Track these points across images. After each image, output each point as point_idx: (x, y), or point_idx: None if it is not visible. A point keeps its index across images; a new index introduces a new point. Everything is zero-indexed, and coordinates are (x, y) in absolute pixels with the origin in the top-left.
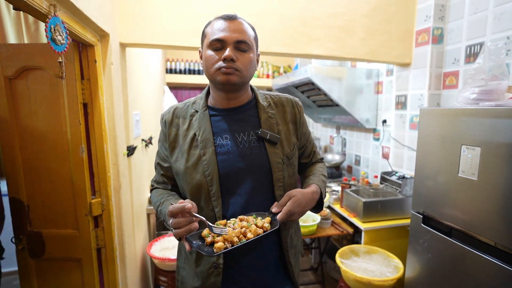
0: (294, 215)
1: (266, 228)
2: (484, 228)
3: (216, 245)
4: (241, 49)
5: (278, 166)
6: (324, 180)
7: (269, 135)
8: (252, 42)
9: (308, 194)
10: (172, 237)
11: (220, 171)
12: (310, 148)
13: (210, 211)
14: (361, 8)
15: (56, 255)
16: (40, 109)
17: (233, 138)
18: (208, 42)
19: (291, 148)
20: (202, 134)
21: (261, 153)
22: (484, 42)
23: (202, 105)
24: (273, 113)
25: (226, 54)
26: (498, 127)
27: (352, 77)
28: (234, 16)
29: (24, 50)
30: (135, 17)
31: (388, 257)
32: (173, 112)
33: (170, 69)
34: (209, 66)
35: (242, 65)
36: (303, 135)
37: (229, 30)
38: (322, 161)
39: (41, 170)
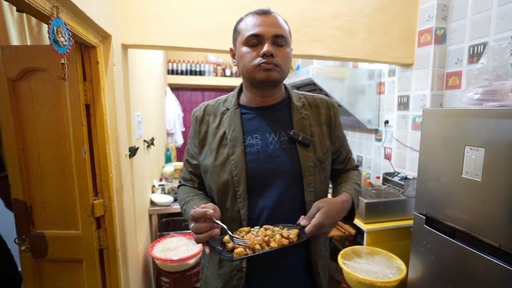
0: (324, 227)
1: (292, 240)
2: (489, 230)
3: (236, 251)
4: (278, 44)
5: (309, 170)
6: (358, 189)
7: (301, 136)
8: (288, 36)
9: (338, 204)
10: (174, 238)
11: (248, 171)
12: (344, 153)
13: (235, 213)
14: (363, 9)
15: (59, 256)
16: (43, 110)
17: (263, 138)
18: (244, 39)
19: (324, 152)
20: (232, 133)
21: (292, 155)
22: (487, 42)
23: (233, 103)
24: (306, 114)
25: (266, 50)
26: (502, 128)
27: (354, 77)
28: (268, 11)
29: (27, 51)
30: (137, 18)
31: (390, 258)
32: (204, 109)
33: (172, 70)
34: (246, 64)
35: (281, 60)
36: (338, 139)
37: (265, 24)
38: (357, 169)
39: (43, 171)
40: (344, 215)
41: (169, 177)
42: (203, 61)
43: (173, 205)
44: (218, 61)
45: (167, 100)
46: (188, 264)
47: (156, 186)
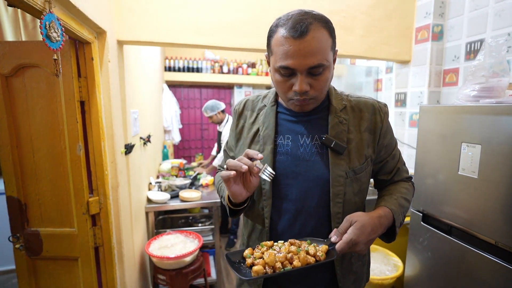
0: (359, 245)
1: (319, 258)
2: (485, 227)
3: (254, 268)
4: (315, 74)
5: (338, 180)
6: (403, 203)
7: (334, 143)
8: (328, 58)
9: (373, 219)
10: (171, 236)
11: (276, 171)
12: (392, 163)
13: (260, 210)
14: (360, 5)
15: (54, 254)
16: (37, 107)
17: (295, 139)
18: (276, 66)
19: (361, 162)
20: (264, 130)
21: (322, 161)
22: (484, 39)
23: (271, 100)
24: (345, 118)
25: (297, 88)
26: (498, 125)
27: (352, 74)
28: (306, 29)
29: (20, 47)
30: (133, 14)
31: (387, 255)
32: (244, 104)
33: (169, 67)
34: (280, 92)
35: (317, 91)
36: (384, 148)
37: (298, 55)
38: (408, 181)
39: (38, 169)
40: (382, 232)
41: (166, 174)
42: (201, 58)
43: (170, 202)
44: (216, 58)
45: (164, 97)
46: (185, 261)
47: (153, 183)
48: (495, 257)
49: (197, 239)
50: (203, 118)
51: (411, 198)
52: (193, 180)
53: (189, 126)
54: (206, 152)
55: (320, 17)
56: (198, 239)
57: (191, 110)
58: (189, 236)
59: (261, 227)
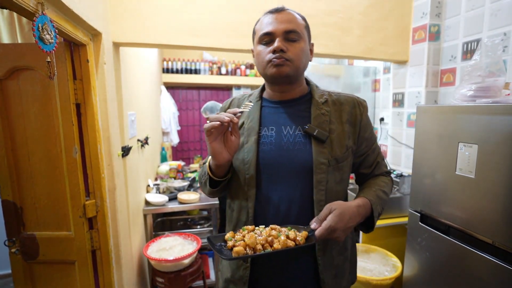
0: (336, 231)
1: (299, 242)
2: (482, 226)
3: (235, 249)
4: (291, 39)
5: (321, 167)
6: (382, 196)
7: (316, 131)
8: (302, 30)
9: (352, 208)
10: (169, 238)
11: (260, 161)
12: (372, 157)
13: (244, 201)
14: (357, 5)
15: (50, 257)
16: (32, 110)
17: (278, 130)
18: (258, 38)
19: (342, 151)
20: (249, 123)
21: (305, 149)
22: (481, 39)
23: (256, 97)
24: (327, 110)
25: (275, 46)
26: (495, 124)
27: (349, 75)
28: (281, 8)
29: (14, 50)
30: (129, 15)
31: (386, 256)
32: (231, 102)
33: (167, 68)
34: (260, 61)
35: (293, 55)
36: (365, 141)
37: (276, 21)
38: (387, 175)
39: (33, 172)
40: (359, 221)
41: (165, 177)
42: (199, 59)
43: (168, 204)
44: (214, 60)
45: (162, 99)
46: (183, 264)
47: (151, 185)
48: (492, 256)
49: (195, 241)
50: (201, 119)
51: (390, 191)
52: (192, 182)
53: (188, 127)
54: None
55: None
56: (196, 241)
57: (190, 111)
58: (187, 238)
59: (245, 219)
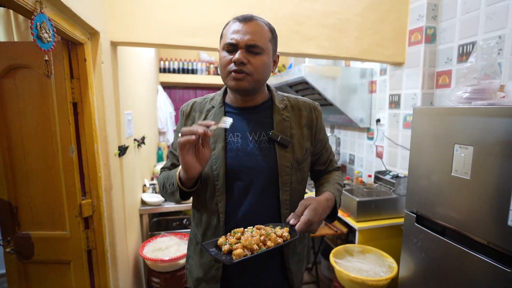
0: (313, 224)
1: (286, 238)
2: (477, 227)
3: (235, 252)
4: (253, 52)
5: (285, 170)
6: (339, 189)
7: (280, 137)
8: (266, 44)
9: (323, 202)
10: (165, 238)
11: (228, 167)
12: (326, 155)
13: (214, 206)
14: (354, 7)
15: (45, 257)
16: (28, 108)
17: (244, 136)
18: (222, 44)
19: (302, 154)
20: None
21: (270, 154)
22: (476, 42)
23: (219, 102)
24: (287, 116)
25: (236, 58)
26: (490, 126)
27: (346, 76)
28: (249, 17)
29: (11, 48)
30: (127, 15)
31: (382, 256)
32: (192, 105)
33: (164, 68)
34: (221, 68)
35: (254, 68)
36: (320, 142)
37: (241, 32)
38: (338, 170)
39: (29, 171)
40: (328, 212)
41: None
42: (196, 59)
43: (164, 204)
44: (211, 60)
45: (159, 99)
46: (179, 264)
47: (147, 185)
48: (487, 257)
49: None
50: None
51: (343, 184)
52: None
53: None
54: None
55: (265, 20)
56: None
57: None
58: (183, 238)
59: (216, 223)
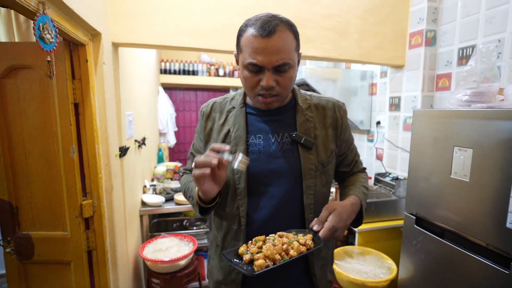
0: (338, 231)
1: (309, 246)
2: (476, 229)
3: (257, 263)
4: (281, 71)
5: (310, 173)
6: (365, 192)
7: (303, 139)
8: (293, 57)
9: (347, 206)
10: (165, 239)
11: (249, 170)
12: (351, 156)
13: (235, 209)
14: (355, 10)
15: (46, 258)
16: (30, 109)
17: (266, 138)
18: (244, 63)
19: (327, 155)
20: (236, 131)
21: (293, 156)
22: (476, 45)
23: (240, 102)
24: (311, 116)
25: (265, 84)
26: (489, 129)
27: (347, 78)
28: (272, 29)
29: (13, 48)
30: (128, 16)
31: (381, 258)
32: (212, 105)
33: (165, 69)
34: (247, 88)
35: (283, 88)
36: (344, 142)
37: (266, 52)
38: (364, 171)
39: (30, 171)
40: (353, 217)
41: (161, 177)
42: (196, 60)
43: (164, 205)
44: (212, 61)
45: (160, 100)
46: (179, 265)
47: (148, 186)
48: (486, 259)
49: (192, 242)
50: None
51: (368, 186)
52: None
53: (185, 129)
54: None
55: (286, 21)
56: (193, 242)
57: (187, 113)
58: (183, 239)
59: (237, 227)
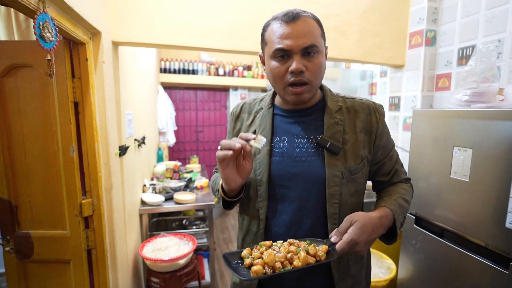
0: (359, 245)
1: (319, 258)
2: (476, 229)
3: (253, 268)
4: (309, 55)
5: (334, 180)
6: (403, 204)
7: (329, 143)
8: (320, 42)
9: (374, 219)
10: (165, 238)
11: (272, 172)
12: (390, 165)
13: (255, 211)
14: (355, 10)
15: (45, 256)
16: (29, 107)
17: (291, 140)
18: (271, 52)
19: (357, 162)
20: (261, 132)
21: (317, 161)
22: (476, 45)
23: (268, 103)
24: (341, 119)
25: (294, 67)
26: (489, 129)
27: (347, 78)
28: (297, 15)
29: (13, 47)
30: (128, 15)
31: (381, 258)
32: (241, 106)
33: (165, 68)
34: (276, 80)
35: (312, 74)
36: (381, 149)
37: (293, 35)
38: (407, 182)
39: (29, 170)
40: (382, 232)
41: (161, 177)
42: (196, 60)
43: (164, 204)
44: (211, 60)
45: (160, 99)
46: (179, 264)
47: (147, 185)
48: (485, 259)
49: (191, 241)
50: (198, 120)
51: (411, 199)
52: (188, 182)
53: (184, 128)
54: (201, 155)
55: (309, 12)
56: (192, 242)
57: (186, 112)
58: (183, 239)
59: (256, 229)
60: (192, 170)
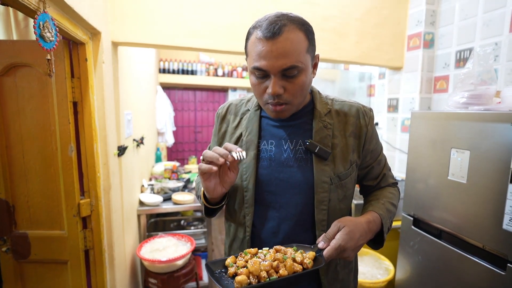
0: (346, 251)
1: (306, 265)
2: (473, 231)
3: (237, 279)
4: (289, 76)
5: (323, 186)
6: (390, 208)
7: (318, 148)
8: (303, 60)
9: (362, 225)
10: (163, 239)
11: (259, 178)
12: (378, 169)
13: (241, 218)
14: (354, 12)
15: (42, 257)
16: (28, 107)
17: (278, 144)
18: (250, 67)
19: (346, 167)
20: (247, 135)
21: (306, 166)
22: (473, 48)
23: (255, 104)
24: (330, 123)
25: (270, 91)
26: (486, 131)
27: (345, 79)
28: (278, 30)
29: (12, 46)
30: (128, 15)
31: (379, 259)
32: (227, 107)
33: (164, 69)
34: (255, 95)
35: (292, 95)
36: (370, 153)
37: (272, 55)
38: (394, 186)
39: (28, 170)
40: (370, 237)
41: (159, 177)
42: (195, 60)
43: (162, 205)
44: (211, 61)
45: (158, 99)
46: (177, 265)
47: (146, 185)
48: (483, 260)
49: (189, 242)
50: (197, 120)
51: (397, 203)
52: (186, 183)
53: (183, 128)
54: (199, 155)
55: (297, 19)
56: (190, 242)
57: (185, 112)
58: (181, 239)
59: (243, 236)
60: (191, 171)
